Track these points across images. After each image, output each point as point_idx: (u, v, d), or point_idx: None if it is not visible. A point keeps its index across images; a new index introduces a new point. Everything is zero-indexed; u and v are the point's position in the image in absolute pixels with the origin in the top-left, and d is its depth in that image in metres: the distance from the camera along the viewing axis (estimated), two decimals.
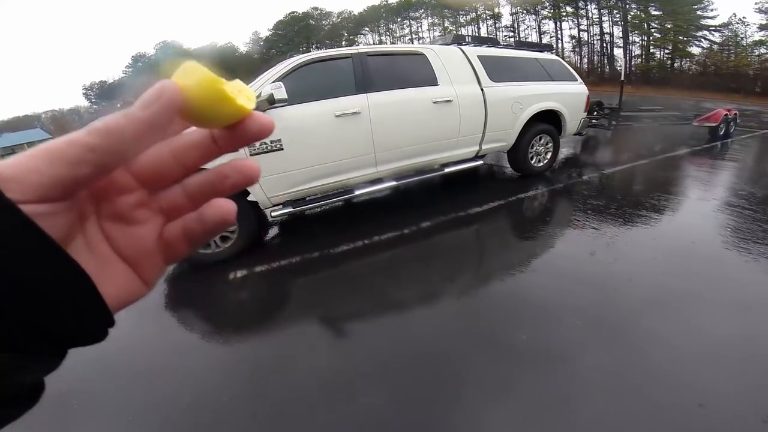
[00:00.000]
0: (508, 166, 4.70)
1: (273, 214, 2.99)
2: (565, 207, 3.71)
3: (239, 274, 2.68)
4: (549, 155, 4.68)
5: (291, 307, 2.33)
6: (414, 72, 3.50)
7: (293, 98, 2.78)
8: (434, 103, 3.45)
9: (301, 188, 3.03)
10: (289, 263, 2.79)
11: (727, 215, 3.27)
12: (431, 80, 3.53)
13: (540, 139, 4.45)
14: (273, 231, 3.58)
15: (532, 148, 4.43)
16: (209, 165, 0.24)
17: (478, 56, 3.89)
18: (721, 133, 6.91)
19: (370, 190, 3.41)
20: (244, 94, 0.22)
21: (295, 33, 59.85)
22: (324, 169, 3.07)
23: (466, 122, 3.71)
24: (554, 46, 5.22)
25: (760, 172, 4.99)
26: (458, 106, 3.60)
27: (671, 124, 7.81)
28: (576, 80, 4.76)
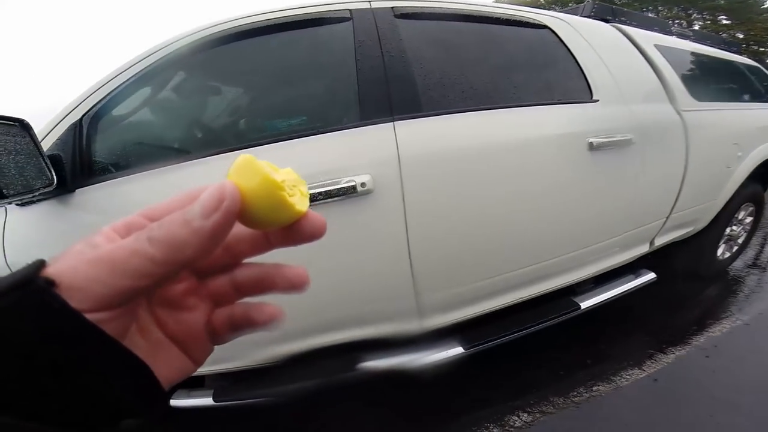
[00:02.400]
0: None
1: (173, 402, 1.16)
2: None
3: None
4: (742, 238, 2.43)
5: None
6: (528, 69, 1.36)
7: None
8: (592, 148, 1.28)
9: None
10: None
11: None
12: (577, 90, 1.38)
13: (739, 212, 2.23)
14: None
15: (727, 229, 2.21)
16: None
17: (656, 47, 1.71)
18: None
19: (396, 365, 1.24)
20: (299, 189, 0.22)
21: None
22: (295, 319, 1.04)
23: (650, 192, 1.54)
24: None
25: None
26: (641, 154, 1.42)
27: None
28: None
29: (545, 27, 1.42)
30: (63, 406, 0.17)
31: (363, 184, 1.01)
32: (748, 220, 2.38)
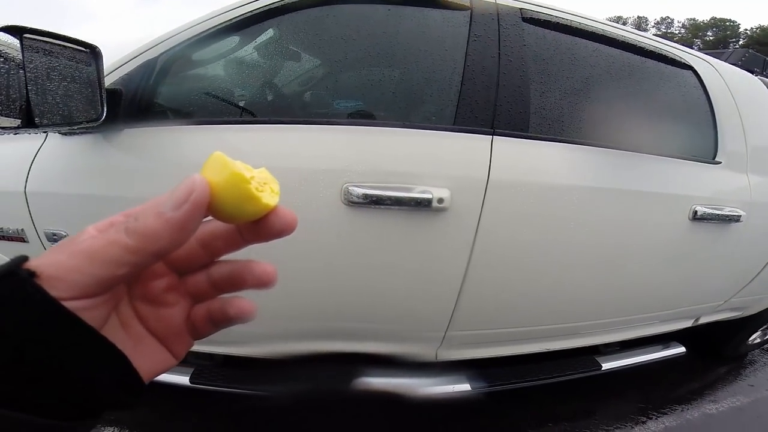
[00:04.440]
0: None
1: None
2: None
3: None
4: None
5: None
6: (658, 112, 1.16)
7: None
8: (694, 218, 1.11)
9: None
10: None
11: None
12: (701, 146, 1.18)
13: None
14: None
15: None
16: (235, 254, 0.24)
17: None
18: None
19: (396, 388, 1.17)
20: (269, 187, 0.22)
21: None
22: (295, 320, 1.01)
23: (729, 272, 1.37)
24: None
25: None
26: (741, 235, 1.24)
27: None
28: None
29: (689, 68, 1.20)
30: (44, 395, 0.17)
31: (440, 200, 0.87)
32: None
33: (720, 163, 1.16)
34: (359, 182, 0.85)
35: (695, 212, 1.10)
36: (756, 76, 1.44)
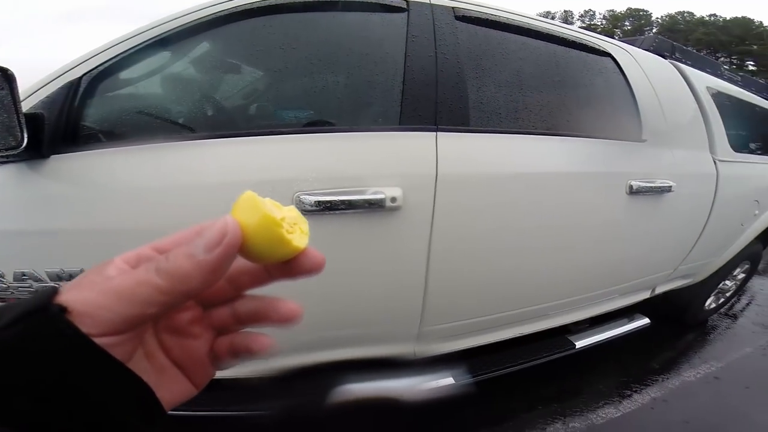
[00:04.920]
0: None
1: None
2: None
3: None
4: (730, 292, 2.46)
5: None
6: (584, 97, 1.25)
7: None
8: (631, 192, 1.20)
9: None
10: None
11: None
12: (627, 127, 1.28)
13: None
14: None
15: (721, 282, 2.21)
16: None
17: (707, 89, 1.63)
18: None
19: (380, 391, 1.13)
20: (299, 227, 0.22)
21: None
22: None
23: (670, 243, 1.48)
24: None
25: None
26: (674, 204, 1.35)
27: None
28: None
29: (608, 54, 1.30)
30: (71, 424, 0.17)
31: (393, 199, 0.88)
32: (741, 276, 2.40)
33: (646, 141, 1.26)
34: (310, 190, 0.85)
35: (631, 187, 1.19)
36: (666, 60, 1.58)
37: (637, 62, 1.35)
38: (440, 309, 1.09)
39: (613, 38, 1.56)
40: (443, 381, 1.21)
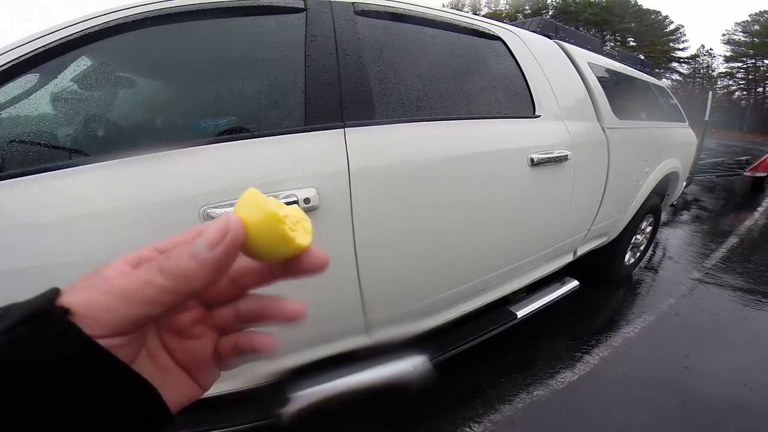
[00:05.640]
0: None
1: None
2: None
3: None
4: (643, 246, 2.77)
5: None
6: (479, 81, 1.35)
7: None
8: (533, 165, 1.32)
9: None
10: None
11: None
12: (522, 105, 1.40)
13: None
14: None
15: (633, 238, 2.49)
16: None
17: (589, 64, 1.84)
18: None
19: (337, 388, 1.13)
20: (302, 225, 0.22)
21: None
22: None
23: (578, 206, 1.64)
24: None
25: None
26: (574, 170, 1.51)
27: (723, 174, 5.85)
28: (685, 122, 2.95)
29: (498, 38, 1.42)
30: (77, 427, 0.17)
31: (307, 200, 0.90)
32: (648, 229, 2.72)
33: (540, 116, 1.40)
34: (217, 202, 0.83)
35: (532, 159, 1.31)
36: (552, 39, 1.77)
37: (525, 44, 1.49)
38: (379, 298, 1.12)
39: (505, 22, 1.70)
40: (401, 367, 1.23)
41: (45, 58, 0.81)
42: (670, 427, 1.43)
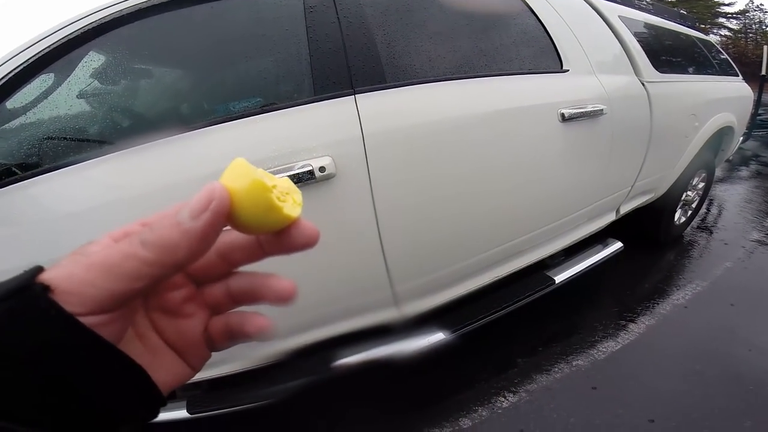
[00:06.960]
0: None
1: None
2: None
3: None
4: (695, 203, 2.54)
5: None
6: (497, 37, 1.26)
7: None
8: (564, 120, 1.22)
9: None
10: None
11: None
12: (547, 60, 1.30)
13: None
14: None
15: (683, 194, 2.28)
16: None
17: (620, 18, 1.68)
18: None
19: (374, 357, 1.13)
20: (291, 197, 0.21)
21: None
22: None
23: (619, 162, 1.51)
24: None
25: None
26: (611, 125, 1.39)
27: None
28: (738, 76, 2.65)
29: None
30: (61, 411, 0.17)
31: (322, 168, 0.88)
32: (701, 186, 2.48)
33: (568, 71, 1.29)
34: None
35: (563, 114, 1.22)
36: None
37: None
38: (405, 267, 1.09)
39: None
40: (434, 337, 1.21)
41: (55, 57, 0.84)
42: (720, 402, 1.28)
